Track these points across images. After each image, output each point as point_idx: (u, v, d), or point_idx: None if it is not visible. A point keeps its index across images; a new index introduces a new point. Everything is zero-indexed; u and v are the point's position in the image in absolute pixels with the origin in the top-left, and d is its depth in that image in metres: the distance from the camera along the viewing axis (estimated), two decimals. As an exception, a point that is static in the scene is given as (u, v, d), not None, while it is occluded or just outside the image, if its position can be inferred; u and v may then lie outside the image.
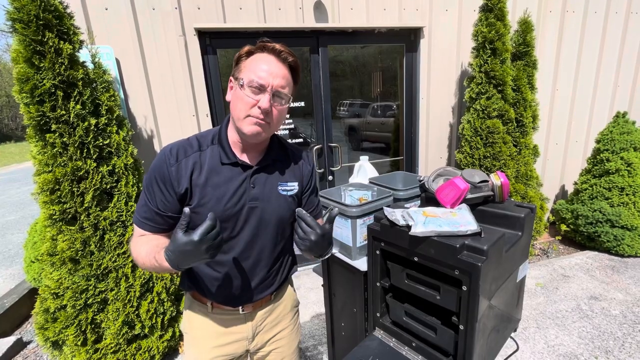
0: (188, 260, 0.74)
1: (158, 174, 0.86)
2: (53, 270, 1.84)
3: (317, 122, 2.94)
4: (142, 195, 0.90)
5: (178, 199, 0.87)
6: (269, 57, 0.84)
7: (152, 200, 0.87)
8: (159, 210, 0.87)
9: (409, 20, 2.83)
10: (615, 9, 3.38)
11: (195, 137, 0.92)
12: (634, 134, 3.06)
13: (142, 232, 0.89)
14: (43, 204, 1.74)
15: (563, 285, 2.73)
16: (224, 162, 0.89)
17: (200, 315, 1.01)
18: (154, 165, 0.88)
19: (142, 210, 0.89)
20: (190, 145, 0.89)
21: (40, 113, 1.65)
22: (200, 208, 0.87)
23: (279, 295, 1.08)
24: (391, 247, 0.92)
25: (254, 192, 0.91)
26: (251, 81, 0.81)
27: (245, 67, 0.84)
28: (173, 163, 0.86)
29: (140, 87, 2.34)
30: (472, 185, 0.95)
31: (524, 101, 2.92)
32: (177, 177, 0.85)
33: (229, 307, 0.99)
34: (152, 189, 0.87)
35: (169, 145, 0.89)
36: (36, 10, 1.56)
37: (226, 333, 1.01)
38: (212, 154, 0.90)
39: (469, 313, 0.78)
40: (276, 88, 0.83)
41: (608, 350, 2.05)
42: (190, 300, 1.03)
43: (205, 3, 2.38)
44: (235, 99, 0.85)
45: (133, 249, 0.89)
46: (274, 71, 0.83)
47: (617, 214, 2.98)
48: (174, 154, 0.87)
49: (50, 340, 1.89)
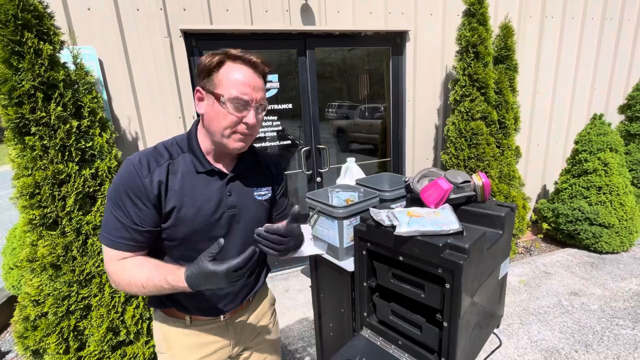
0: (208, 284, 0.75)
1: (130, 188, 0.80)
2: (33, 277, 1.78)
3: (305, 124, 2.95)
4: (108, 214, 0.82)
5: (157, 211, 0.83)
6: (246, 70, 0.81)
7: (126, 217, 0.81)
8: (137, 226, 0.81)
9: (395, 24, 2.88)
10: (592, 15, 3.52)
11: (163, 146, 0.88)
12: (609, 135, 3.19)
13: (122, 254, 0.83)
14: (22, 208, 1.69)
15: (545, 282, 2.82)
16: (199, 170, 0.87)
17: (178, 329, 0.96)
18: (121, 179, 0.81)
19: (115, 230, 0.81)
20: (160, 155, 0.85)
21: (19, 115, 1.60)
22: (179, 219, 0.84)
23: (258, 296, 1.09)
24: (377, 247, 0.93)
25: (231, 200, 0.90)
26: (234, 98, 0.79)
27: (221, 81, 0.80)
28: (146, 174, 0.81)
29: (124, 88, 2.30)
30: (455, 186, 0.98)
31: (506, 103, 3.01)
32: (151, 189, 0.81)
33: (209, 317, 0.97)
34: (124, 205, 0.81)
35: (135, 156, 0.84)
36: (14, 9, 1.52)
37: (208, 343, 0.98)
38: (184, 163, 0.87)
39: (452, 310, 0.80)
40: (259, 101, 0.83)
41: (588, 344, 2.13)
42: (162, 318, 0.97)
43: (191, 4, 2.36)
44: (216, 115, 0.81)
45: (120, 274, 0.81)
46: (254, 85, 0.82)
47: (595, 212, 3.09)
48: (145, 165, 0.82)
49: (30, 349, 1.83)
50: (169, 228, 0.85)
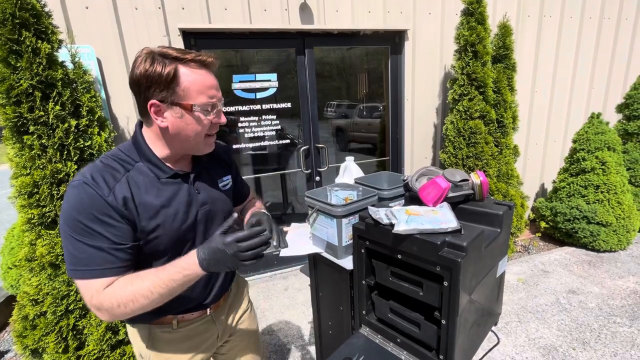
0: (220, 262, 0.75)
1: (95, 210, 0.73)
2: (32, 276, 1.78)
3: (304, 123, 2.95)
4: (76, 246, 0.73)
5: (130, 226, 0.78)
6: (204, 72, 0.80)
7: (102, 241, 0.73)
8: (119, 245, 0.75)
9: (394, 23, 2.88)
10: (590, 15, 3.52)
11: (114, 158, 0.82)
12: (607, 134, 3.20)
13: (107, 281, 0.75)
14: (21, 207, 1.69)
15: (543, 280, 2.83)
16: (162, 177, 0.84)
17: (166, 336, 0.95)
18: (80, 205, 0.72)
19: (93, 258, 0.73)
20: (113, 169, 0.79)
21: (17, 114, 1.60)
22: (154, 233, 0.81)
23: (235, 284, 1.14)
24: (376, 246, 0.94)
25: (201, 197, 0.91)
26: (205, 104, 0.79)
27: (187, 91, 0.77)
28: (107, 193, 0.74)
29: (123, 87, 2.29)
30: (453, 184, 0.98)
31: (504, 102, 3.02)
32: (117, 206, 0.75)
33: (197, 313, 0.98)
34: (95, 231, 0.73)
35: (85, 174, 0.75)
36: (12, 8, 1.52)
37: (199, 342, 1.00)
38: (142, 173, 0.82)
39: (450, 308, 0.80)
40: (222, 100, 0.85)
41: (585, 342, 2.14)
42: (147, 330, 0.94)
43: (189, 3, 2.35)
44: (186, 126, 0.79)
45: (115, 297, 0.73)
46: (216, 85, 0.83)
47: (592, 210, 3.10)
48: (101, 183, 0.75)
49: (29, 349, 1.83)
50: (150, 242, 0.82)
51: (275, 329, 2.39)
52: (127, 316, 0.75)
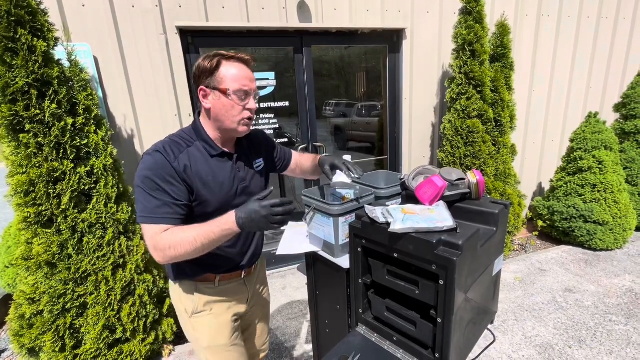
0: (254, 223, 0.90)
1: (165, 172, 0.94)
2: (28, 275, 1.78)
3: (302, 122, 2.95)
4: (145, 198, 0.94)
5: (187, 188, 0.98)
6: (242, 66, 1.00)
7: (165, 196, 0.94)
8: (176, 201, 0.96)
9: (392, 21, 2.88)
10: (587, 14, 3.53)
11: (178, 137, 1.04)
12: (604, 133, 3.21)
13: (164, 227, 0.94)
14: (17, 206, 1.68)
15: (540, 279, 2.84)
16: (213, 154, 1.04)
17: (210, 289, 1.14)
18: (154, 167, 0.94)
19: (156, 208, 0.94)
20: (178, 144, 1.01)
21: (13, 112, 1.59)
22: (207, 196, 1.01)
23: (261, 261, 1.34)
24: (372, 244, 0.94)
25: (240, 175, 1.10)
26: (238, 90, 0.98)
27: (224, 79, 0.97)
28: (174, 159, 0.96)
29: (119, 86, 2.28)
30: (450, 183, 0.98)
31: (502, 102, 3.02)
32: (180, 171, 0.96)
33: (235, 273, 1.17)
34: (162, 188, 0.94)
35: (158, 146, 0.98)
36: (7, 5, 1.51)
37: (234, 298, 1.19)
38: (198, 150, 1.03)
39: (446, 306, 0.80)
40: (255, 90, 1.03)
41: (581, 340, 2.15)
42: (193, 286, 1.12)
43: (186, 1, 2.34)
44: (223, 107, 0.99)
45: (167, 239, 0.92)
46: (250, 77, 1.01)
47: (589, 209, 3.12)
48: (170, 152, 0.97)
49: (26, 347, 1.82)
50: (200, 204, 1.01)
51: (273, 328, 2.39)
52: (175, 259, 0.93)
